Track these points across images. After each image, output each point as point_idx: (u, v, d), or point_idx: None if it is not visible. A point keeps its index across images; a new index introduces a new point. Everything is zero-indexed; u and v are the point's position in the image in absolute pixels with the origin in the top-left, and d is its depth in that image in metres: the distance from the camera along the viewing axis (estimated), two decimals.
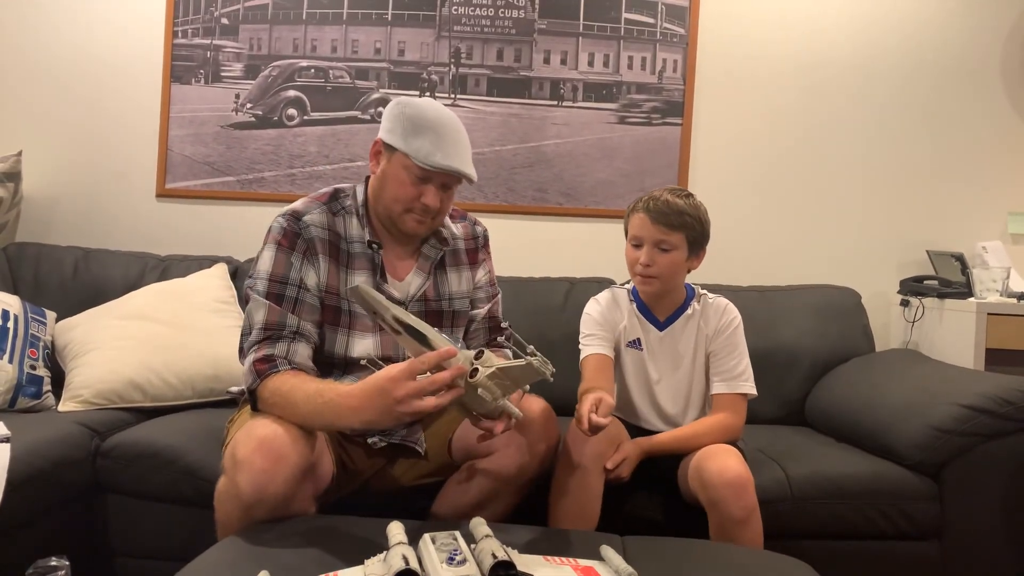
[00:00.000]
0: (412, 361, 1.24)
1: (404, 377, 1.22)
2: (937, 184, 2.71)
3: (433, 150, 1.45)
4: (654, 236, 1.64)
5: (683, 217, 1.63)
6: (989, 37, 2.69)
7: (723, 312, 1.74)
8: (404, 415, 1.24)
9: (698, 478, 1.53)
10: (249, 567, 1.09)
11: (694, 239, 1.66)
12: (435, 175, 1.49)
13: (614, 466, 1.56)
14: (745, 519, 1.47)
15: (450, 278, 1.64)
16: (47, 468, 1.63)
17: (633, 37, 2.68)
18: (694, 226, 1.65)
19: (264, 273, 1.48)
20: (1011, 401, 1.73)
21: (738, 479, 1.48)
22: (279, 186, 2.66)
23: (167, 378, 2.05)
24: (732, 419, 1.68)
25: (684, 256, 1.67)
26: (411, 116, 1.49)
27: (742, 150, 2.70)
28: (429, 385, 1.22)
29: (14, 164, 2.48)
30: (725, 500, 1.47)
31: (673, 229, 1.63)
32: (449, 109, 1.54)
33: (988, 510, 1.75)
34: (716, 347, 1.73)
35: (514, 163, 2.68)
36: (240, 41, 2.67)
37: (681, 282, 1.74)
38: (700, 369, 1.75)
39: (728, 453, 1.54)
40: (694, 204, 1.67)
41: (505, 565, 1.04)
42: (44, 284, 2.37)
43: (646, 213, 1.65)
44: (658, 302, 1.75)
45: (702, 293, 1.77)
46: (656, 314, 1.76)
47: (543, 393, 1.57)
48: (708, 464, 1.52)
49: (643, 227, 1.65)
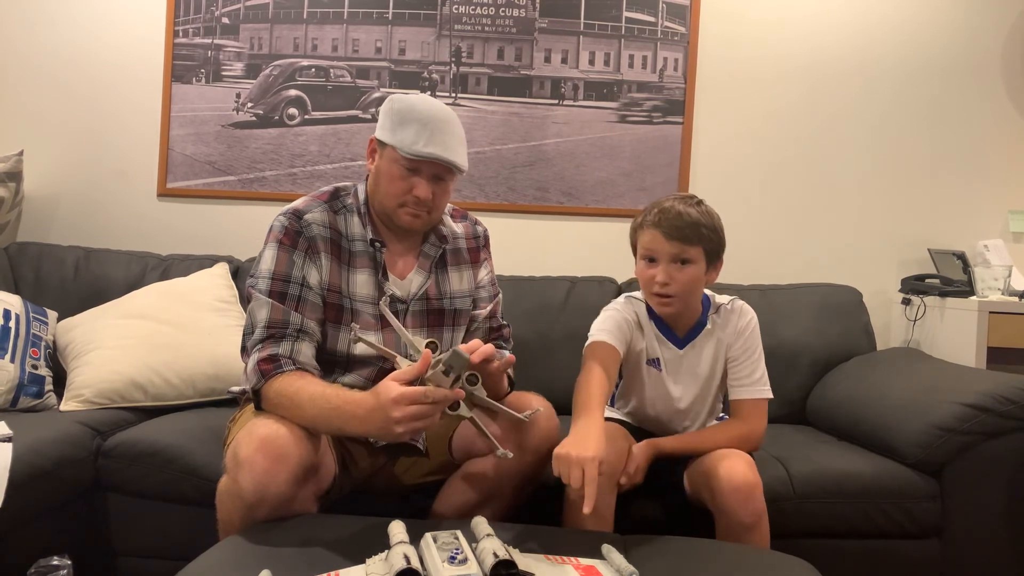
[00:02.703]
0: (413, 391, 1.23)
1: (404, 401, 1.23)
2: (938, 182, 2.71)
3: (416, 139, 1.45)
4: (670, 252, 1.54)
5: (699, 229, 1.53)
6: (990, 35, 2.69)
7: (740, 315, 1.67)
8: (402, 435, 1.26)
9: (706, 483, 1.51)
10: (251, 566, 1.09)
11: (712, 250, 1.57)
12: (423, 165, 1.48)
13: (628, 478, 1.54)
14: (754, 524, 1.46)
15: (451, 277, 1.64)
16: (49, 467, 1.63)
17: (634, 36, 2.67)
18: (711, 237, 1.55)
19: (266, 272, 1.48)
20: (1012, 400, 1.73)
21: (746, 485, 1.45)
22: (280, 185, 2.66)
23: (168, 377, 2.05)
24: (751, 426, 1.63)
25: (703, 270, 1.57)
26: (399, 110, 1.49)
27: (743, 149, 2.70)
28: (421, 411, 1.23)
29: (15, 164, 2.48)
30: (733, 506, 1.45)
31: (690, 243, 1.53)
32: (442, 103, 1.54)
33: (989, 509, 1.75)
34: (735, 352, 1.66)
35: (515, 162, 2.68)
36: (241, 40, 2.67)
37: (699, 298, 1.65)
38: (719, 378, 1.70)
39: (737, 457, 1.51)
40: (707, 212, 1.57)
41: (506, 564, 1.04)
42: (45, 284, 2.37)
43: (658, 229, 1.54)
44: (677, 320, 1.66)
45: (719, 303, 1.68)
46: (676, 331, 1.67)
47: (543, 393, 1.57)
48: (716, 469, 1.49)
49: (657, 243, 1.54)
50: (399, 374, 1.27)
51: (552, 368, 2.16)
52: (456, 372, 1.24)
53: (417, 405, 1.23)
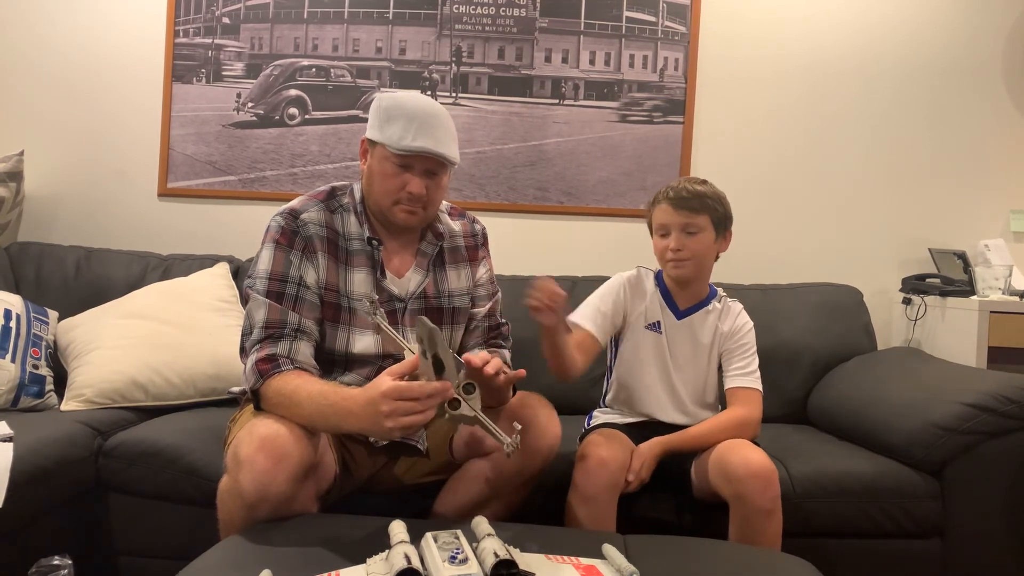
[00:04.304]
0: (403, 385, 1.23)
1: (393, 396, 1.22)
2: (939, 182, 2.71)
3: (404, 134, 1.45)
4: (680, 221, 1.68)
5: (704, 200, 1.68)
6: (991, 35, 2.69)
7: (739, 315, 1.78)
8: (393, 430, 1.25)
9: (721, 472, 1.53)
10: (251, 566, 1.09)
11: (718, 219, 1.71)
12: (414, 161, 1.48)
13: (635, 476, 1.56)
14: (772, 510, 1.49)
15: (449, 275, 1.64)
16: (50, 467, 1.63)
17: (634, 35, 2.67)
18: (716, 207, 1.70)
19: (263, 272, 1.48)
20: (1013, 399, 1.73)
21: (763, 470, 1.49)
22: (281, 185, 2.66)
23: (169, 377, 2.05)
24: (748, 413, 1.69)
25: (712, 238, 1.70)
26: (386, 107, 1.49)
27: (744, 148, 2.70)
28: (410, 407, 1.22)
29: (16, 164, 2.48)
30: (752, 492, 1.48)
31: (697, 212, 1.68)
32: (430, 98, 1.53)
33: (990, 508, 1.75)
34: (729, 347, 1.75)
35: (515, 162, 2.68)
36: (241, 40, 2.67)
37: (709, 269, 1.76)
38: (714, 366, 1.77)
39: (749, 446, 1.56)
40: (712, 188, 1.72)
41: (507, 564, 1.04)
42: (46, 283, 2.37)
43: (668, 202, 1.69)
44: (682, 291, 1.76)
45: (723, 295, 1.80)
46: (677, 303, 1.77)
47: (544, 392, 1.57)
48: (731, 457, 1.52)
49: (667, 215, 1.69)
50: (393, 368, 1.26)
51: None
52: (428, 347, 1.21)
53: (406, 401, 1.22)
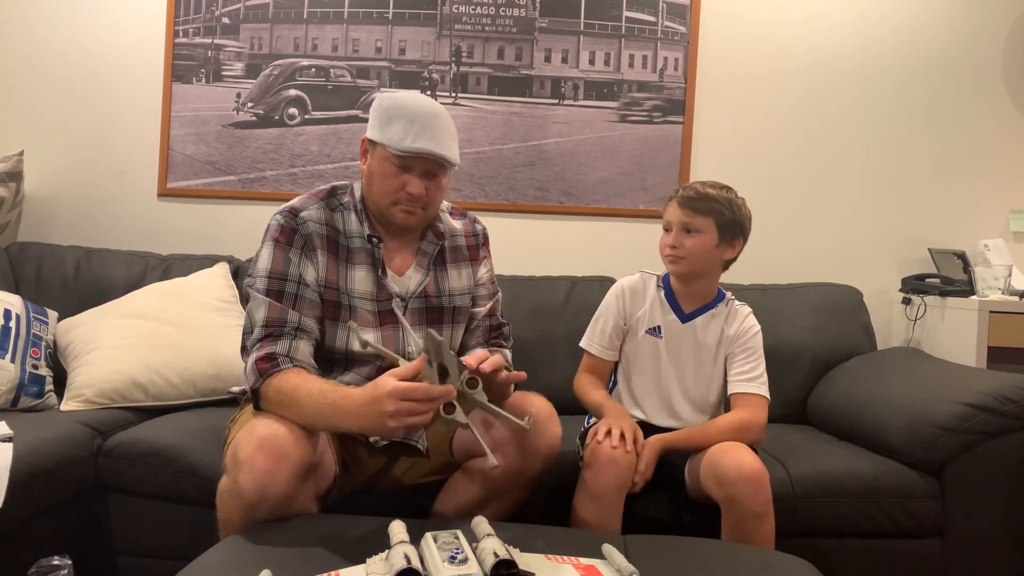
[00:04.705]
0: (409, 385, 1.23)
1: (399, 396, 1.22)
2: (939, 182, 2.71)
3: (405, 135, 1.45)
4: (680, 219, 1.68)
5: (711, 202, 1.67)
6: (990, 35, 2.69)
7: (746, 318, 1.75)
8: (395, 430, 1.26)
9: (713, 475, 1.52)
10: (251, 566, 1.09)
11: (723, 224, 1.68)
12: (414, 162, 1.48)
13: (641, 476, 1.55)
14: (763, 514, 1.48)
15: (450, 274, 1.64)
16: (49, 467, 1.63)
17: (634, 35, 2.67)
18: (723, 211, 1.68)
19: (263, 271, 1.48)
20: (1013, 399, 1.73)
21: (755, 473, 1.48)
22: (280, 185, 2.66)
23: (169, 377, 2.05)
24: (751, 417, 1.66)
25: (713, 241, 1.68)
26: (387, 107, 1.49)
27: (744, 148, 2.70)
28: (414, 407, 1.23)
29: (16, 164, 2.48)
30: (743, 495, 1.47)
31: (699, 213, 1.67)
32: (430, 99, 1.53)
33: (990, 508, 1.75)
34: (735, 350, 1.73)
35: (515, 162, 2.68)
36: (241, 40, 2.67)
37: (713, 272, 1.74)
38: (719, 372, 1.74)
39: (742, 448, 1.54)
40: (727, 194, 1.71)
41: (507, 564, 1.04)
42: (46, 283, 2.37)
43: (676, 199, 1.70)
44: (686, 292, 1.75)
45: (731, 299, 1.78)
46: (682, 305, 1.76)
47: (544, 392, 1.57)
48: (723, 460, 1.51)
49: (672, 212, 1.70)
50: (398, 371, 1.27)
51: (552, 368, 2.16)
52: (435, 357, 1.23)
53: (410, 402, 1.22)
